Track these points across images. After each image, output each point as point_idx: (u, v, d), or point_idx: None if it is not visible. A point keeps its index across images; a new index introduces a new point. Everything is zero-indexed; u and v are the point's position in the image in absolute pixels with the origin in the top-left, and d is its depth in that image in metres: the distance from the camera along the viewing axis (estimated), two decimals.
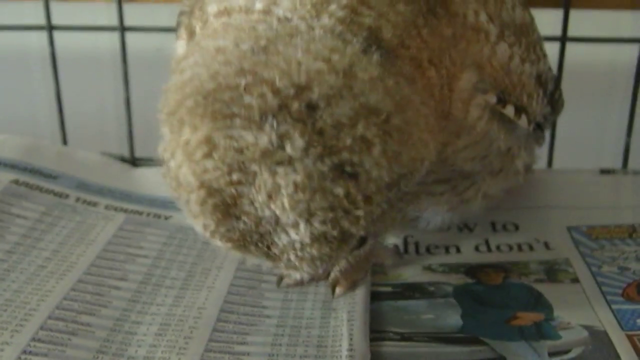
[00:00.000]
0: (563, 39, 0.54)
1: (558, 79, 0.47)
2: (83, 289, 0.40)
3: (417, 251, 0.46)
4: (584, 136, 0.58)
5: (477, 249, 0.47)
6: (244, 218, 0.30)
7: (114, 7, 0.56)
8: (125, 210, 0.49)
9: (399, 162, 0.30)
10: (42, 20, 0.57)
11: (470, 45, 0.36)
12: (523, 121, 0.39)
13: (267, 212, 0.30)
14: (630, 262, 0.44)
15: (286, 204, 0.29)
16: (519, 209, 0.51)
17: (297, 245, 0.30)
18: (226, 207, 0.30)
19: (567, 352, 0.37)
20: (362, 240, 0.32)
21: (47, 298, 0.39)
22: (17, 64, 0.60)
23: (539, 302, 0.41)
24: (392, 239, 0.47)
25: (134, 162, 0.58)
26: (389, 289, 0.42)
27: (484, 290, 0.42)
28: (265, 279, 0.43)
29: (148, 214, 0.49)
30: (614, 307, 0.40)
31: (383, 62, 0.31)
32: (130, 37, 0.57)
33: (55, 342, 0.36)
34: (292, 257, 0.31)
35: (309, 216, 0.29)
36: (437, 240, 0.47)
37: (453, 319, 0.40)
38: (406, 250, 0.46)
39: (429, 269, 0.44)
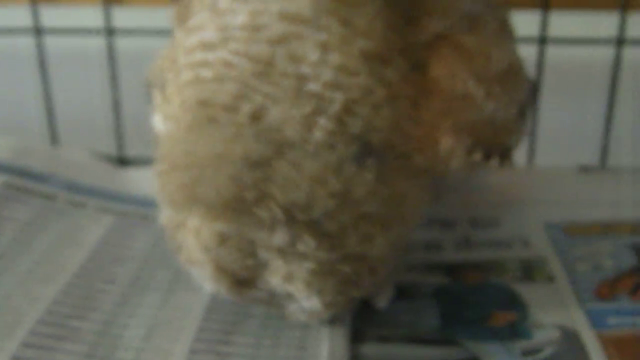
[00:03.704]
0: (542, 41, 0.55)
1: (536, 86, 0.46)
2: (72, 293, 0.41)
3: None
4: (564, 133, 0.58)
5: (457, 246, 0.47)
6: (257, 291, 0.34)
7: (101, 10, 0.57)
8: (114, 212, 0.50)
9: (399, 241, 0.34)
10: (30, 23, 0.58)
11: (458, 116, 0.35)
12: (508, 163, 0.38)
13: (280, 290, 0.33)
14: (604, 259, 0.45)
15: (301, 286, 0.33)
16: (499, 205, 0.51)
17: (308, 313, 0.35)
18: (240, 282, 0.34)
19: (539, 351, 0.38)
20: None
21: (37, 303, 0.40)
22: (6, 66, 0.61)
23: (515, 302, 0.42)
24: None
25: (122, 161, 0.58)
26: None
27: (463, 290, 0.43)
28: None
29: (136, 215, 0.50)
30: (586, 306, 0.41)
31: (376, 170, 0.32)
32: (118, 38, 0.57)
33: (45, 347, 0.37)
34: (303, 318, 0.35)
35: (321, 292, 0.33)
36: (419, 237, 0.48)
37: (431, 319, 0.40)
38: None
39: (410, 267, 0.45)
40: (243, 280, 0.33)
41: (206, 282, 0.35)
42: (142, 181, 0.53)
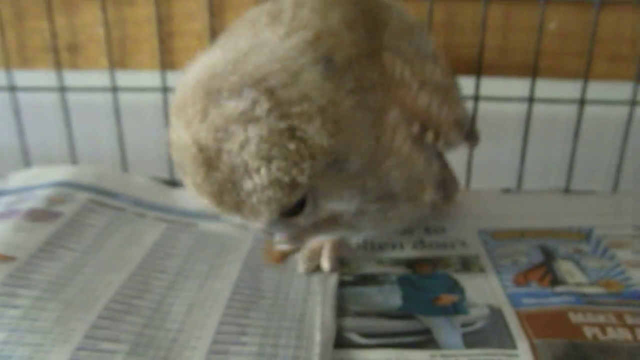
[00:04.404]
0: (476, 98, 0.56)
1: (473, 121, 0.46)
2: (135, 280, 0.41)
3: (372, 248, 0.47)
4: (490, 164, 0.59)
5: (415, 246, 0.47)
6: (222, 167, 0.31)
7: (159, 73, 0.57)
8: (166, 221, 0.50)
9: (335, 138, 0.32)
10: (108, 84, 0.58)
11: (398, 92, 0.36)
12: (441, 144, 0.38)
13: (238, 160, 0.31)
14: (520, 257, 0.45)
15: (253, 151, 0.30)
16: (446, 217, 0.51)
17: (259, 188, 0.31)
18: (210, 161, 0.31)
19: (473, 323, 0.38)
20: (303, 202, 0.33)
21: (110, 286, 0.40)
22: (90, 115, 0.61)
23: (456, 287, 0.42)
24: (355, 239, 0.47)
25: (173, 183, 0.59)
26: (351, 278, 0.43)
27: (418, 278, 0.43)
28: (264, 270, 0.43)
29: (182, 223, 0.50)
30: (507, 290, 0.41)
31: (328, 74, 0.33)
32: (171, 94, 0.57)
33: (115, 318, 0.37)
34: (254, 199, 0.31)
35: (268, 162, 0.30)
36: (387, 240, 0.48)
37: (395, 300, 0.40)
38: (365, 248, 0.47)
39: (380, 262, 0.45)
40: (212, 159, 0.31)
41: (185, 173, 0.33)
42: (186, 198, 0.53)
